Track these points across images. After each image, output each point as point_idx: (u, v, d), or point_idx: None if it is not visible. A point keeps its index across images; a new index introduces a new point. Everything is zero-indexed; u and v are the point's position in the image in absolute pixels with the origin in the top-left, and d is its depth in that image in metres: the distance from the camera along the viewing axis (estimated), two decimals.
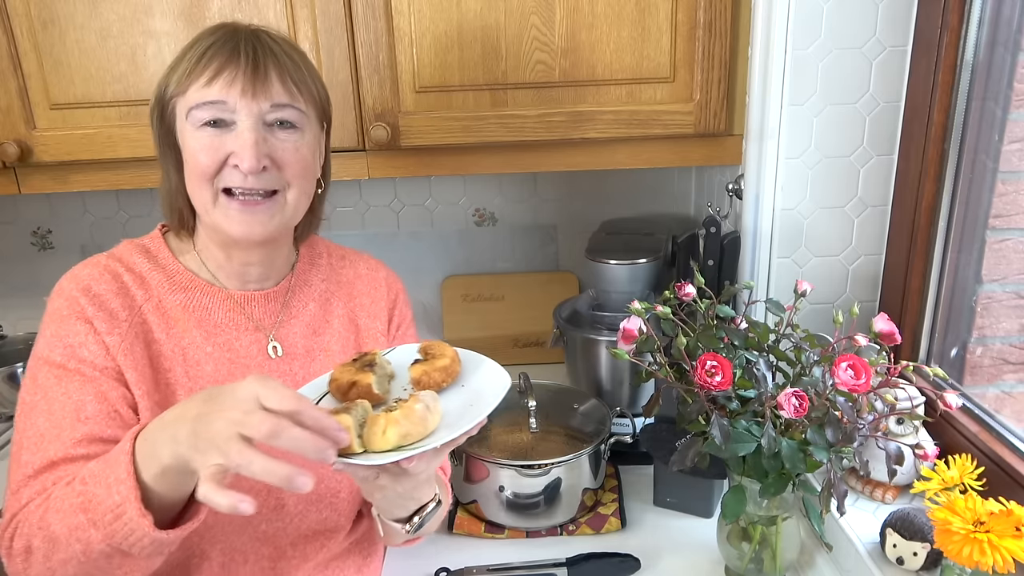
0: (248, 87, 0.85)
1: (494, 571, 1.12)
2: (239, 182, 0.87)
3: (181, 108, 0.87)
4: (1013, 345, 1.09)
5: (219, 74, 0.85)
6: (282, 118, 0.88)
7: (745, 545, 1.02)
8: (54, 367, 0.86)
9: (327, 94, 0.97)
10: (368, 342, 1.05)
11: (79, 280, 0.91)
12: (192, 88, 0.86)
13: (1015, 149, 1.01)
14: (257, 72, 0.86)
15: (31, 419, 0.85)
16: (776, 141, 1.17)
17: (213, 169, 0.86)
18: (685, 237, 1.37)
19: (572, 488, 1.19)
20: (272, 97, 0.86)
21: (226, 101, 0.85)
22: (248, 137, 0.85)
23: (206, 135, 0.86)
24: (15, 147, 1.24)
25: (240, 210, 0.88)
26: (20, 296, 1.78)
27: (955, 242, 1.10)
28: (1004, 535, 0.75)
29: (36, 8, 1.20)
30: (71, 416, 0.84)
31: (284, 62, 0.88)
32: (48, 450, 0.82)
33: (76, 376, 0.86)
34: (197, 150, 0.86)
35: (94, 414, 0.85)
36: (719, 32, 1.20)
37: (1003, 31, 1.00)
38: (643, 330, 0.98)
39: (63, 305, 0.89)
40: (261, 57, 0.87)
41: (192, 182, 0.89)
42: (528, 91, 1.24)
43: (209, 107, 0.85)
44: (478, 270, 1.80)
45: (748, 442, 0.89)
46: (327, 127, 0.99)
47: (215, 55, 0.86)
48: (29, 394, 0.86)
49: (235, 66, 0.85)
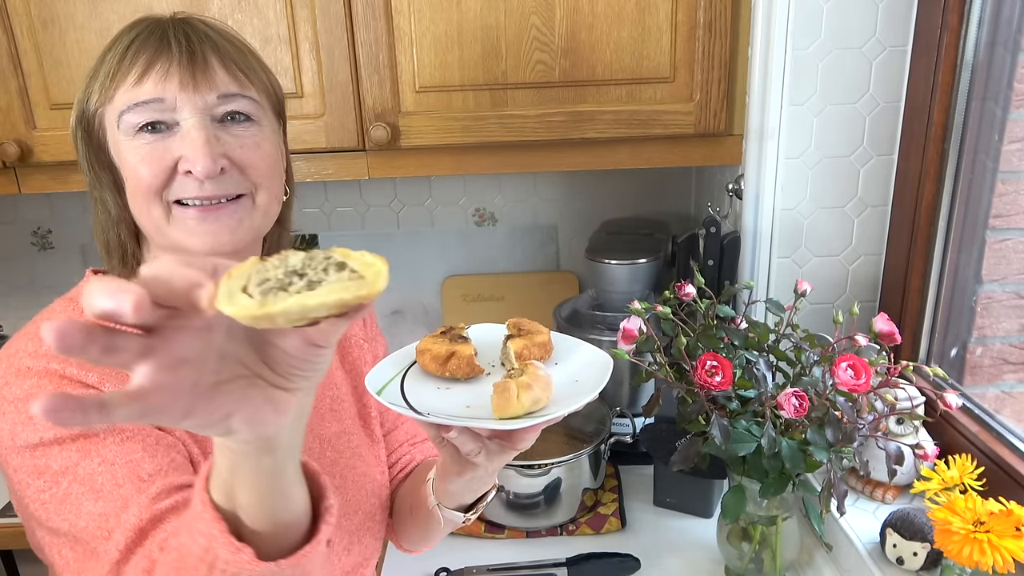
0: (187, 78, 0.71)
1: (494, 571, 1.12)
2: (194, 191, 0.73)
3: (110, 118, 0.73)
4: (1013, 345, 1.09)
5: (149, 68, 0.71)
6: (234, 110, 0.74)
7: (745, 545, 1.02)
8: (70, 441, 0.66)
9: (279, 84, 0.83)
10: (353, 349, 1.00)
11: (44, 355, 0.70)
12: (119, 92, 0.72)
13: (1015, 149, 1.01)
14: (195, 60, 0.72)
15: (70, 512, 0.64)
16: (776, 141, 1.17)
17: (160, 180, 0.72)
18: (685, 237, 1.37)
19: (572, 488, 1.19)
20: (217, 87, 0.73)
21: (163, 98, 0.71)
22: (196, 136, 0.71)
23: (144, 142, 0.72)
24: (15, 147, 1.24)
25: (200, 218, 0.74)
26: (20, 296, 1.79)
27: (955, 242, 1.10)
28: (1004, 535, 0.75)
29: (36, 8, 1.20)
30: (130, 482, 0.65)
31: (224, 47, 0.75)
32: (125, 522, 0.62)
33: (109, 438, 0.67)
34: (137, 162, 0.72)
35: (155, 469, 0.66)
36: (719, 32, 1.20)
37: (1003, 31, 1.00)
38: (643, 330, 0.98)
39: (38, 383, 0.68)
40: (196, 43, 0.73)
41: (137, 201, 0.74)
42: (528, 91, 1.24)
43: (143, 108, 0.71)
44: (478, 270, 1.80)
45: (748, 442, 0.89)
46: (284, 124, 0.85)
47: (140, 49, 0.72)
48: (43, 490, 0.65)
49: (167, 57, 0.71)
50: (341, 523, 0.88)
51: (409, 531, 0.98)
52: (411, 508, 0.95)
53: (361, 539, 0.92)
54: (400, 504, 1.00)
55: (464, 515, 0.86)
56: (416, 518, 0.93)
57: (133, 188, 0.74)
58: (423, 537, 0.97)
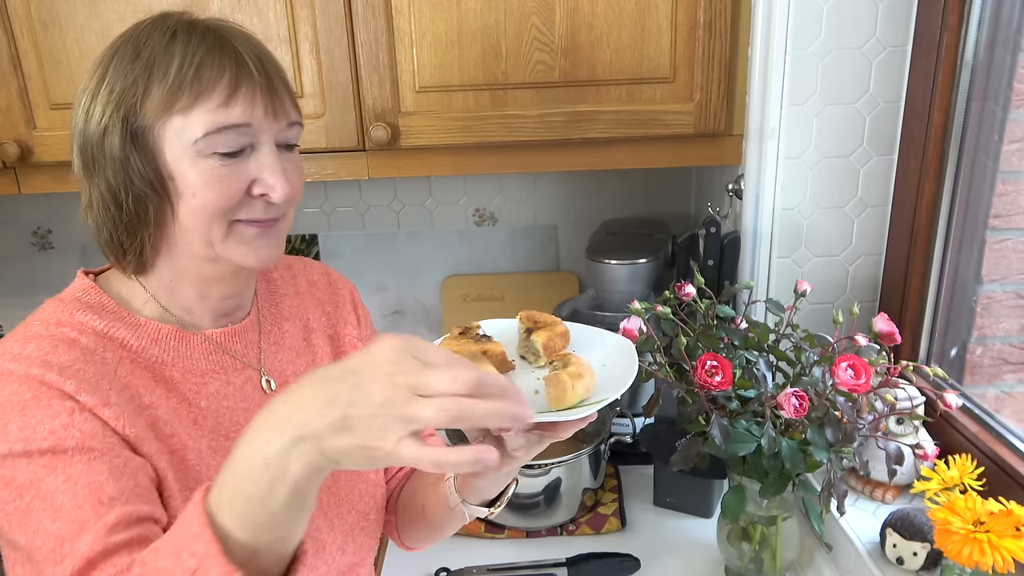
0: (269, 106, 0.73)
1: (494, 571, 1.12)
2: (260, 213, 0.76)
3: (177, 131, 0.72)
4: (1013, 345, 1.09)
5: (236, 91, 0.72)
6: (291, 138, 0.78)
7: (745, 545, 1.02)
8: (38, 455, 0.65)
9: None
10: (348, 349, 0.99)
11: (28, 359, 0.69)
12: (199, 109, 0.71)
13: (1015, 149, 1.01)
14: (273, 87, 0.74)
15: (29, 528, 0.64)
16: (776, 141, 1.17)
17: (234, 202, 0.74)
18: (685, 237, 1.37)
19: (572, 488, 1.19)
20: (288, 115, 0.76)
21: (251, 124, 0.73)
22: (275, 163, 0.74)
23: (219, 163, 0.72)
24: (15, 147, 1.24)
25: (258, 234, 0.77)
26: (20, 296, 1.78)
27: (955, 242, 1.10)
28: (1004, 535, 0.75)
29: (36, 8, 1.20)
30: (89, 504, 0.64)
31: (282, 73, 0.77)
32: (77, 549, 0.62)
33: (76, 457, 0.66)
34: (209, 182, 0.72)
35: (117, 493, 0.65)
36: (719, 32, 1.20)
37: (1003, 31, 1.00)
38: (643, 330, 0.98)
39: (17, 390, 0.67)
40: (269, 67, 0.75)
41: (199, 219, 0.74)
42: (528, 91, 1.24)
43: (232, 132, 0.72)
44: (478, 270, 1.79)
45: (748, 442, 0.89)
46: None
47: (219, 66, 0.71)
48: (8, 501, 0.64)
49: (250, 81, 0.72)
50: (334, 523, 0.88)
51: (418, 530, 0.99)
52: (423, 509, 0.95)
53: (355, 538, 0.92)
54: (408, 504, 1.00)
55: (489, 509, 0.87)
56: (430, 518, 0.94)
57: (198, 205, 0.73)
58: (433, 536, 0.98)
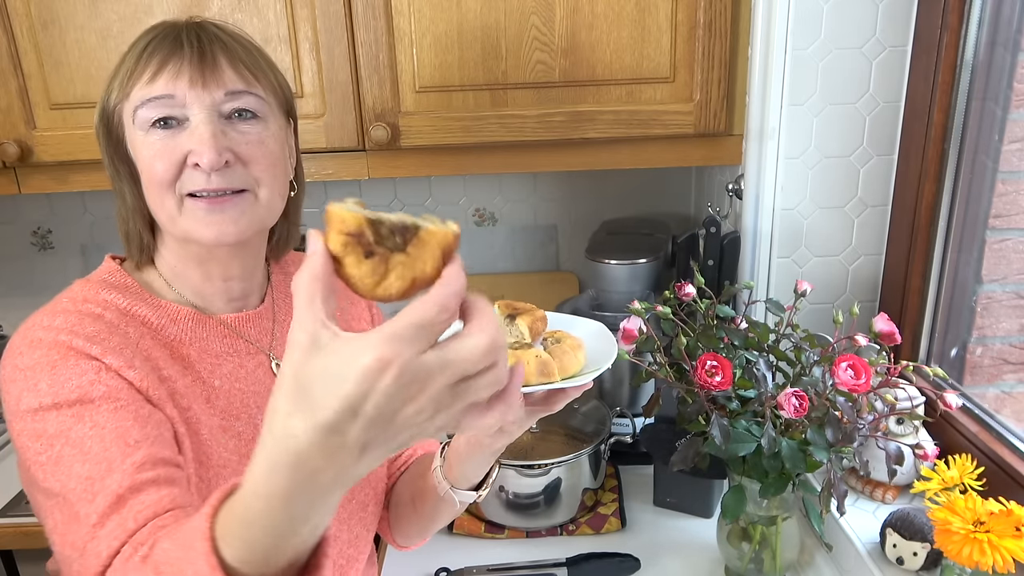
0: (197, 76, 0.77)
1: (494, 571, 1.12)
2: (202, 183, 0.78)
3: (127, 113, 0.79)
4: (1013, 345, 1.09)
5: (163, 67, 0.77)
6: (240, 107, 0.80)
7: (745, 545, 1.02)
8: (67, 407, 0.70)
9: (288, 84, 0.88)
10: None
11: (56, 328, 0.74)
12: (135, 89, 0.77)
13: (1015, 149, 1.01)
14: (204, 59, 0.78)
15: (62, 474, 0.68)
16: (776, 141, 1.17)
17: (172, 173, 0.78)
18: (685, 237, 1.37)
19: (572, 488, 1.19)
20: (225, 84, 0.78)
21: (174, 95, 0.77)
22: (204, 130, 0.77)
23: (157, 137, 0.78)
24: (15, 147, 1.24)
25: (208, 209, 0.79)
26: (20, 296, 1.79)
27: (955, 242, 1.10)
28: (1004, 535, 0.75)
29: (36, 8, 1.20)
30: (116, 446, 0.69)
31: (233, 48, 0.81)
32: (107, 487, 0.66)
33: (103, 405, 0.71)
34: (151, 156, 0.78)
35: (143, 437, 0.70)
36: (719, 32, 1.20)
37: (1003, 31, 1.00)
38: (643, 330, 0.98)
39: (47, 354, 0.72)
40: (207, 44, 0.79)
41: (152, 193, 0.80)
42: (528, 91, 1.24)
43: (155, 103, 0.77)
44: (478, 270, 1.79)
45: (748, 442, 0.89)
46: (294, 123, 0.91)
47: (156, 50, 0.78)
48: (41, 452, 0.69)
49: (179, 56, 0.77)
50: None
51: (409, 524, 0.99)
52: (413, 500, 0.96)
53: (351, 528, 0.92)
54: (399, 498, 1.00)
55: (476, 493, 0.88)
56: (420, 509, 0.94)
57: (148, 180, 0.79)
58: (424, 528, 0.98)
